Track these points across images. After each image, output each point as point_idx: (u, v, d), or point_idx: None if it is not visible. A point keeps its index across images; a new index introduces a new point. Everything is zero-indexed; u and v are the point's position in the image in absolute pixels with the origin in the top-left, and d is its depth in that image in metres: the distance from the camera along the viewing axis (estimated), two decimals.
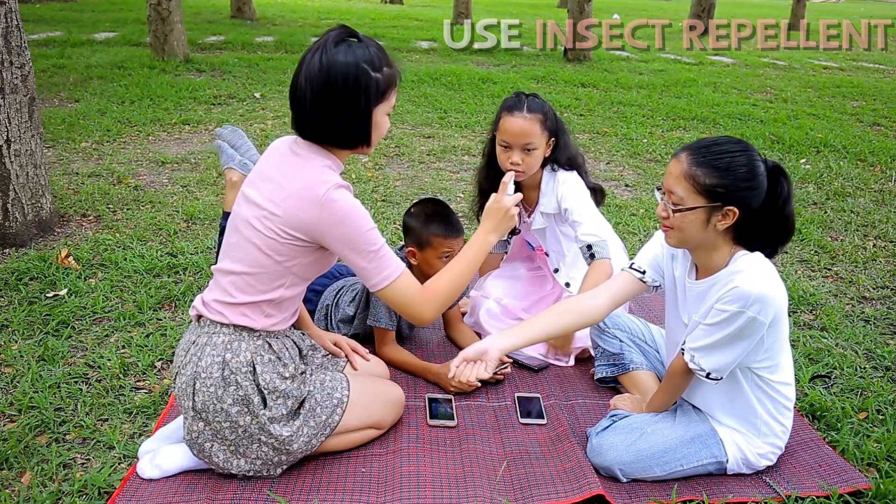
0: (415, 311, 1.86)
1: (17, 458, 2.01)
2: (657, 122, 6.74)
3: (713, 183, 1.75)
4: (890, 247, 3.90)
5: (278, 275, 1.83)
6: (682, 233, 1.83)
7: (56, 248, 3.36)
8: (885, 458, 2.12)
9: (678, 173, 1.79)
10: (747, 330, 1.79)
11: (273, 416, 1.86)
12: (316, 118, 1.78)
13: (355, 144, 1.84)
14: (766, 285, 1.77)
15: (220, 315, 1.86)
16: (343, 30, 1.80)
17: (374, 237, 1.79)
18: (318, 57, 1.74)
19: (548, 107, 2.50)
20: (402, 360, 2.49)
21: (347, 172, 4.79)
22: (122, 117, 5.92)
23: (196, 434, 1.88)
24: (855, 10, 30.09)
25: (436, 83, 8.10)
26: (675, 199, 1.80)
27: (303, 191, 1.77)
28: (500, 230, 1.95)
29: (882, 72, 10.98)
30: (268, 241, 1.80)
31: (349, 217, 1.76)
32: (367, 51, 1.77)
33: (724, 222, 1.79)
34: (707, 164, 1.76)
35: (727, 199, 1.76)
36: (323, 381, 2.00)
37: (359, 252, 1.79)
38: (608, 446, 1.98)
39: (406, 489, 1.91)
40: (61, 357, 2.51)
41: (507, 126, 2.45)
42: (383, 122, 1.86)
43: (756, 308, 1.76)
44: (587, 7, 10.08)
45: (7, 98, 3.29)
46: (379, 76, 1.78)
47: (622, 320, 2.39)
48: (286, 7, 17.22)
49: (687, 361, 1.90)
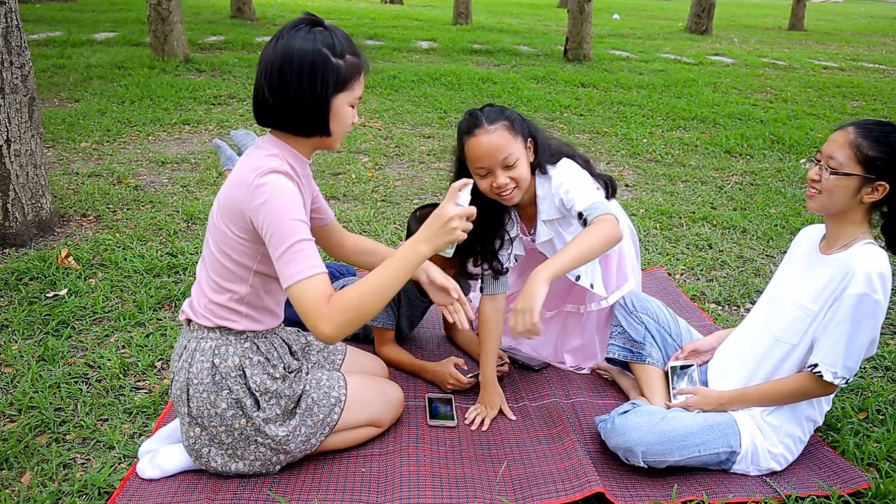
0: (312, 322, 1.61)
1: (17, 458, 2.01)
2: (657, 122, 6.74)
3: (875, 155, 1.84)
4: None
5: (237, 272, 1.79)
6: (829, 197, 1.90)
7: (56, 248, 3.36)
8: (885, 458, 2.12)
9: (843, 141, 1.88)
10: (870, 313, 1.84)
11: (268, 416, 1.86)
12: (272, 102, 1.70)
13: (312, 132, 1.74)
14: (884, 266, 1.84)
15: (205, 318, 1.84)
16: (306, 16, 1.72)
17: (293, 229, 1.64)
18: (275, 42, 1.68)
19: (508, 111, 2.19)
20: (399, 360, 2.49)
21: (347, 173, 4.79)
22: (122, 117, 5.92)
23: (193, 440, 1.88)
24: (855, 10, 30.10)
25: (436, 83, 8.10)
26: (833, 164, 1.88)
27: (237, 178, 1.73)
28: (434, 242, 1.66)
29: (882, 72, 10.98)
30: (218, 235, 1.78)
31: (272, 201, 1.64)
32: (329, 37, 1.69)
33: (873, 196, 1.86)
34: (873, 138, 1.85)
35: (883, 173, 1.84)
36: (319, 379, 1.99)
37: (273, 243, 1.64)
38: (633, 426, 1.97)
39: (406, 489, 1.91)
40: (61, 357, 2.51)
41: (475, 150, 2.12)
42: (345, 112, 1.75)
43: (876, 286, 1.82)
44: (587, 7, 10.08)
45: (7, 98, 3.29)
46: (341, 62, 1.69)
47: (652, 306, 2.35)
48: (286, 7, 17.22)
49: (830, 381, 1.89)
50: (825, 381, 1.89)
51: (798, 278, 2.03)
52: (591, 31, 10.47)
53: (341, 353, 2.25)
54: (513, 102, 7.21)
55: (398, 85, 7.90)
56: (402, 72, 8.55)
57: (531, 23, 16.32)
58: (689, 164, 5.31)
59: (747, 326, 2.19)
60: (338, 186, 4.47)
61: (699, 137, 6.12)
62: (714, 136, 6.18)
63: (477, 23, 15.15)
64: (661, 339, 2.32)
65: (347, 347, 2.29)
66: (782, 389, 1.98)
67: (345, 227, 3.82)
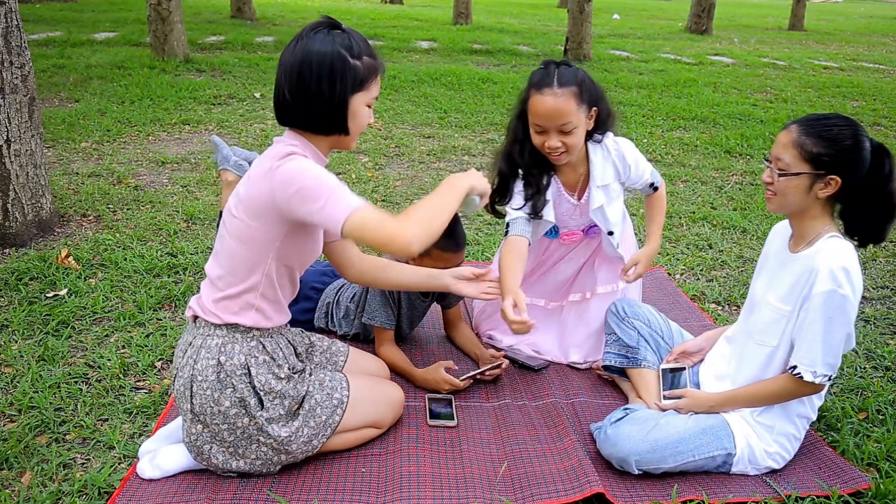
0: (389, 235, 1.62)
1: (17, 458, 2.01)
2: (657, 122, 6.73)
3: (819, 151, 1.84)
4: (890, 247, 3.90)
5: (253, 261, 1.81)
6: (784, 197, 1.90)
7: (56, 248, 3.36)
8: (885, 458, 2.12)
9: (787, 141, 1.88)
10: (840, 308, 1.82)
11: (271, 416, 1.86)
12: (292, 102, 1.76)
13: (330, 131, 1.80)
14: (848, 259, 1.83)
15: (213, 315, 1.85)
16: (325, 19, 1.78)
17: (321, 183, 1.67)
18: (294, 44, 1.75)
19: (581, 74, 2.21)
20: (393, 361, 2.45)
21: (347, 173, 4.79)
22: (122, 117, 5.92)
23: (195, 437, 1.88)
24: (855, 10, 30.10)
25: (436, 83, 8.10)
26: (781, 166, 1.89)
27: (257, 169, 1.78)
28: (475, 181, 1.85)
29: (882, 72, 10.98)
30: (237, 226, 1.80)
31: (298, 171, 1.69)
32: (347, 39, 1.75)
33: (826, 190, 1.86)
34: (815, 134, 1.85)
35: (831, 168, 1.84)
36: (322, 380, 1.99)
37: (308, 204, 1.66)
38: (624, 436, 1.98)
39: (406, 489, 1.91)
40: (61, 357, 2.51)
41: (538, 107, 2.17)
42: (362, 112, 1.81)
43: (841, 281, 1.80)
44: (587, 7, 10.08)
45: (7, 98, 3.29)
46: (358, 63, 1.75)
47: (643, 312, 2.37)
48: (286, 7, 17.23)
49: (811, 381, 1.88)
50: (807, 381, 1.89)
51: (770, 279, 2.04)
52: (591, 31, 10.47)
53: (343, 355, 2.25)
54: (513, 102, 7.19)
55: (398, 85, 7.90)
56: (402, 72, 8.55)
57: (531, 23, 16.31)
58: (689, 164, 5.31)
59: (734, 329, 2.21)
60: None
61: (699, 137, 6.12)
62: (714, 136, 6.18)
63: (477, 23, 15.15)
64: (655, 343, 2.34)
65: (350, 348, 2.30)
66: (770, 391, 1.98)
67: None
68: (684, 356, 2.27)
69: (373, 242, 1.65)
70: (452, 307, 2.67)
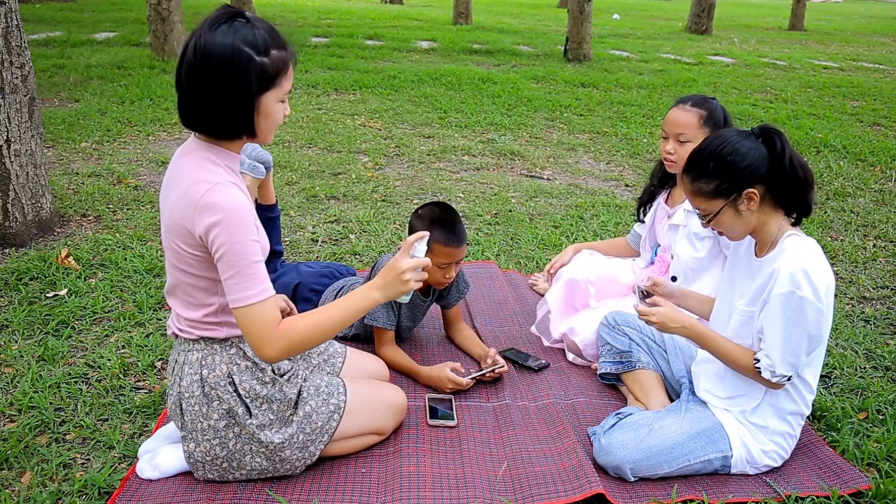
0: (258, 343, 1.64)
1: (17, 458, 2.01)
2: (657, 122, 6.73)
3: (716, 186, 1.87)
4: (890, 247, 3.90)
5: (204, 286, 1.73)
6: (730, 231, 1.95)
7: (56, 248, 3.36)
8: (885, 458, 2.12)
9: (689, 194, 1.94)
10: (798, 309, 1.82)
11: (261, 422, 1.84)
12: (193, 106, 1.61)
13: (236, 135, 1.67)
14: (807, 260, 1.82)
15: (187, 332, 1.81)
16: (225, 9, 1.60)
17: (245, 250, 1.60)
18: (194, 39, 1.57)
19: (717, 106, 2.51)
20: (395, 361, 2.46)
21: (347, 173, 4.79)
22: (122, 117, 5.92)
23: (188, 455, 1.87)
24: (855, 10, 30.10)
25: (436, 83, 8.10)
26: (703, 213, 1.95)
27: (183, 197, 1.63)
28: (388, 291, 1.74)
29: (882, 72, 10.98)
30: (174, 255, 1.70)
31: (224, 221, 1.58)
32: (252, 32, 1.58)
33: (753, 203, 1.88)
34: (700, 174, 1.89)
35: (737, 187, 1.86)
36: (318, 386, 1.96)
37: (224, 263, 1.60)
38: (618, 445, 1.98)
39: (406, 489, 1.91)
40: (61, 357, 2.51)
41: (668, 115, 2.55)
42: (275, 109, 1.66)
43: (800, 282, 1.80)
44: (587, 7, 10.08)
45: (7, 98, 3.29)
46: (265, 60, 1.58)
47: (633, 319, 2.38)
48: (286, 7, 17.23)
49: (769, 379, 1.89)
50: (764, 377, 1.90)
51: (738, 283, 2.04)
52: (591, 31, 10.47)
53: (341, 356, 2.24)
54: (513, 102, 7.21)
55: (398, 85, 7.90)
56: (402, 72, 8.55)
57: (531, 23, 16.31)
58: None
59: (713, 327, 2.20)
60: (338, 186, 4.47)
61: None
62: None
63: (477, 23, 15.15)
64: (647, 347, 2.35)
65: (347, 349, 2.28)
66: (735, 357, 1.96)
67: (345, 226, 3.83)
68: (656, 287, 2.20)
69: (244, 335, 1.67)
70: (452, 307, 2.68)
